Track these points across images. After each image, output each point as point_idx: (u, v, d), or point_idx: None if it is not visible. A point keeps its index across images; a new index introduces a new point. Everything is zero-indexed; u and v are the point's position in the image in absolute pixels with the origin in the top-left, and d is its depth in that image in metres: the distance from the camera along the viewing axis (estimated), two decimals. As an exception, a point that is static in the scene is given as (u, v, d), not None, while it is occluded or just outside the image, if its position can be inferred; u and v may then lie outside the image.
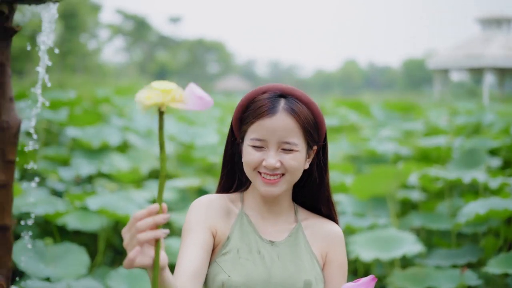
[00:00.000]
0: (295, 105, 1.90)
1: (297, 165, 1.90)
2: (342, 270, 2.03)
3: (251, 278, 1.88)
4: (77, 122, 6.95)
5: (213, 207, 1.98)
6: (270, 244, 1.96)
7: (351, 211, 4.52)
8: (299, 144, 1.90)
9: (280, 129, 1.87)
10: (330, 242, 2.03)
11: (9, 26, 2.62)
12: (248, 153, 1.92)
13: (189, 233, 1.92)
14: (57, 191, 5.40)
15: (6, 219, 2.65)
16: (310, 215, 2.08)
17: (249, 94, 1.96)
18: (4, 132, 2.63)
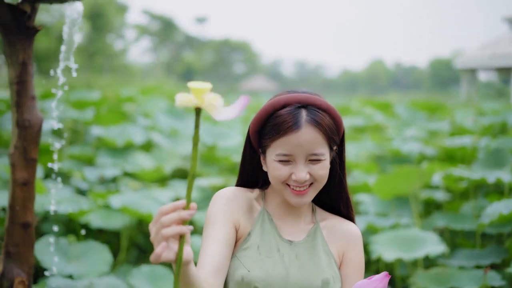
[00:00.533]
0: (317, 116, 1.89)
1: (325, 174, 1.92)
2: (359, 270, 2.03)
3: (270, 275, 1.89)
4: (103, 121, 7.00)
5: (238, 201, 2.00)
6: (289, 243, 1.98)
7: (373, 211, 4.50)
8: (325, 153, 1.91)
9: (306, 143, 1.87)
10: (347, 241, 2.03)
11: (31, 25, 2.64)
12: (275, 168, 1.91)
13: (212, 226, 1.93)
14: (82, 189, 5.44)
15: (28, 216, 2.67)
16: (328, 216, 2.09)
17: (267, 107, 1.93)
18: (26, 130, 2.66)
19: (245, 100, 1.44)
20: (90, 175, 5.51)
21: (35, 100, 2.70)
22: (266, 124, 1.93)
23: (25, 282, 2.65)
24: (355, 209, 4.96)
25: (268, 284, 1.88)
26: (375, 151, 6.71)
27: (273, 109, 1.92)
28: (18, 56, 2.64)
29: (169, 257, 1.45)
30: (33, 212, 2.70)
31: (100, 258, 3.96)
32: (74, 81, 19.28)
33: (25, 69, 2.65)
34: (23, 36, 2.63)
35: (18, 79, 2.64)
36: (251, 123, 1.97)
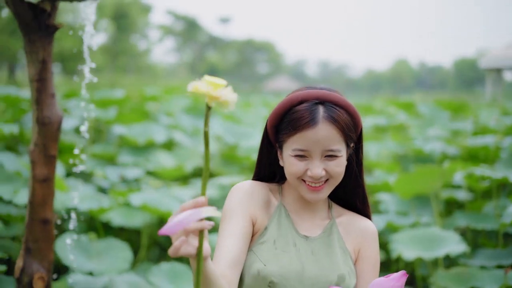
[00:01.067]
0: (334, 112, 1.88)
1: (341, 170, 1.91)
2: (375, 266, 2.02)
3: (286, 270, 1.89)
4: (125, 120, 7.04)
5: (256, 195, 2.00)
6: (305, 239, 1.98)
7: (394, 210, 4.47)
8: (342, 150, 1.90)
9: (323, 139, 1.87)
10: (363, 238, 2.03)
11: (51, 23, 2.67)
12: (291, 163, 1.91)
13: (229, 220, 1.93)
14: (103, 188, 5.48)
15: (48, 212, 2.70)
16: (344, 212, 2.08)
17: (285, 102, 1.93)
18: (45, 127, 2.68)
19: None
20: (111, 174, 5.55)
21: (55, 98, 2.72)
22: (283, 120, 1.93)
23: (44, 278, 2.68)
24: (372, 207, 4.96)
25: (284, 278, 1.88)
26: (397, 151, 6.67)
27: (291, 105, 1.92)
28: (38, 54, 2.67)
29: (188, 251, 1.47)
30: (52, 208, 2.72)
31: (120, 256, 3.99)
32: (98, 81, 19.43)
33: (45, 66, 2.68)
34: (43, 34, 2.66)
35: (38, 77, 2.67)
36: (269, 118, 1.97)
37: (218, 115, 9.09)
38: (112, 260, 3.96)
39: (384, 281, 1.75)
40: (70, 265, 3.77)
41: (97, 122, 7.47)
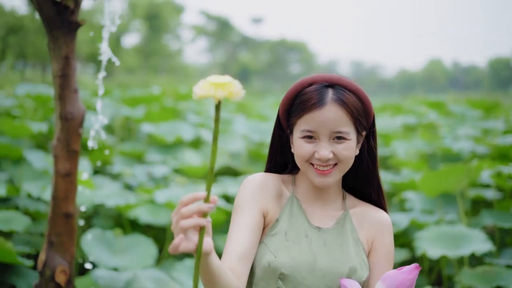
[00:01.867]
0: (343, 95, 1.88)
1: (349, 155, 1.90)
2: (389, 258, 2.00)
3: (297, 261, 1.88)
4: (154, 118, 7.10)
5: (268, 187, 1.98)
6: (317, 230, 1.96)
7: (419, 208, 4.43)
8: (350, 133, 1.89)
9: (330, 120, 1.86)
10: (377, 229, 2.01)
11: (74, 20, 2.70)
12: (299, 145, 1.90)
13: (240, 212, 1.93)
14: (130, 185, 5.53)
15: (70, 207, 2.74)
16: (358, 203, 2.06)
17: (296, 85, 1.94)
18: (68, 123, 2.72)
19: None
20: (139, 172, 5.60)
21: (78, 93, 2.75)
22: (294, 103, 1.94)
23: (67, 271, 2.72)
24: (398, 205, 4.93)
25: (294, 269, 1.87)
26: (425, 150, 6.62)
27: (301, 87, 1.92)
28: (61, 50, 2.70)
29: (188, 247, 1.46)
30: (75, 202, 2.76)
31: (145, 252, 4.02)
32: (131, 81, 19.60)
33: (67, 63, 2.71)
34: (66, 30, 2.70)
35: (61, 73, 2.71)
36: (280, 103, 1.98)
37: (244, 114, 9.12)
38: (136, 256, 3.99)
39: (396, 273, 1.74)
40: (95, 260, 3.81)
41: (127, 121, 7.55)
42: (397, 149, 6.62)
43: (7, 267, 3.86)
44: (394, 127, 8.43)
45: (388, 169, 6.82)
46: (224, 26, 61.48)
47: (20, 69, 21.47)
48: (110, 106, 7.66)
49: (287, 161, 2.08)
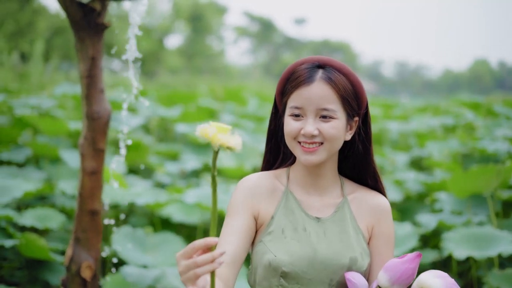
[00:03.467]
0: (332, 74, 1.92)
1: (335, 133, 1.91)
2: (389, 243, 2.02)
3: (296, 257, 1.90)
4: (190, 118, 7.17)
5: (259, 189, 2.00)
6: (316, 220, 1.97)
7: (449, 209, 4.40)
8: (338, 112, 1.91)
9: (317, 97, 1.90)
10: (377, 215, 2.02)
11: (101, 22, 2.77)
12: (287, 123, 1.94)
13: (232, 217, 1.96)
14: (163, 184, 5.60)
15: (96, 204, 2.81)
16: (356, 188, 2.07)
17: (289, 67, 1.99)
18: (94, 122, 2.79)
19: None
20: (172, 170, 5.68)
21: (104, 93, 2.82)
22: (287, 82, 1.99)
23: (92, 267, 2.79)
24: (429, 207, 4.89)
25: (295, 266, 1.89)
26: (460, 150, 6.54)
27: (294, 68, 1.98)
28: (88, 51, 2.77)
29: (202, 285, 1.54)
30: (100, 200, 2.83)
31: (174, 249, 4.08)
32: (174, 82, 19.80)
33: (94, 63, 2.78)
34: (92, 32, 2.77)
35: (87, 73, 2.78)
36: (277, 85, 2.03)
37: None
38: (166, 253, 4.05)
39: (398, 263, 1.76)
40: (125, 257, 3.88)
41: (163, 121, 7.64)
42: (432, 149, 6.57)
43: (40, 263, 3.97)
44: (431, 128, 8.35)
45: (422, 170, 6.77)
46: (267, 27, 61.55)
47: (65, 69, 21.86)
48: (148, 106, 7.77)
49: (284, 153, 2.10)
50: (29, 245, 3.71)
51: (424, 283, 1.78)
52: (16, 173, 4.95)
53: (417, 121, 9.13)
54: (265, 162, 2.14)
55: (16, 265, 4.00)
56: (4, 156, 5.31)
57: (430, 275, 1.79)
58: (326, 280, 1.90)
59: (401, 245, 3.97)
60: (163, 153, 6.40)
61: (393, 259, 1.81)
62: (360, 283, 1.84)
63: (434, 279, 1.77)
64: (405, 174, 5.81)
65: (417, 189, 5.24)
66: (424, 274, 1.80)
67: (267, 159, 2.13)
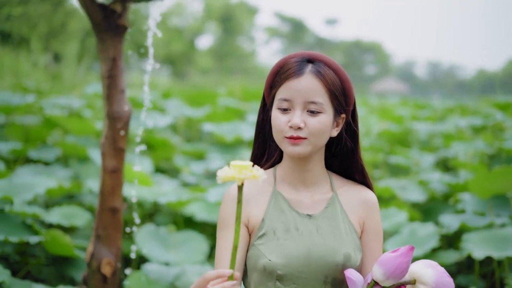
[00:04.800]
0: (322, 69, 1.95)
1: (322, 128, 1.93)
2: (379, 237, 2.04)
3: (290, 259, 1.91)
4: (216, 118, 7.23)
5: (245, 197, 1.98)
6: (308, 218, 1.98)
7: (471, 209, 4.38)
8: (325, 106, 1.93)
9: (305, 89, 1.91)
10: (366, 209, 2.04)
11: (121, 23, 2.82)
12: (275, 117, 1.95)
13: (223, 230, 1.98)
14: (189, 183, 5.66)
15: (116, 201, 2.87)
16: (345, 183, 2.09)
17: (279, 61, 2.01)
18: (115, 122, 2.85)
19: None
20: (198, 170, 5.74)
21: (124, 93, 2.88)
22: (276, 76, 2.00)
23: (112, 263, 2.85)
24: (451, 207, 4.86)
25: (290, 268, 1.90)
26: (486, 151, 6.49)
27: (284, 61, 2.00)
28: (109, 52, 2.83)
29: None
30: (121, 198, 2.89)
31: (196, 248, 4.13)
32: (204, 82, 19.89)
33: (115, 64, 2.84)
34: (113, 33, 2.83)
35: (108, 74, 2.84)
36: (266, 79, 2.04)
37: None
38: (188, 251, 4.10)
39: (392, 257, 1.79)
40: (148, 255, 3.95)
41: (191, 121, 7.72)
42: (458, 150, 6.53)
43: (66, 260, 4.05)
44: (459, 129, 8.29)
45: (448, 170, 6.74)
46: (298, 28, 61.49)
47: (97, 70, 22.10)
48: (176, 106, 7.85)
49: (271, 145, 2.10)
50: (54, 242, 3.79)
51: (415, 273, 1.82)
52: (44, 171, 5.05)
53: (445, 122, 9.07)
54: (253, 157, 2.14)
55: (43, 261, 4.09)
56: (34, 155, 5.42)
57: (422, 265, 1.83)
58: (321, 277, 1.92)
59: (421, 245, 3.96)
60: (189, 153, 6.47)
61: (386, 253, 1.83)
62: (358, 280, 1.87)
63: (426, 269, 1.81)
64: (429, 174, 5.79)
65: (442, 190, 5.22)
66: (415, 264, 1.83)
67: (255, 154, 2.13)
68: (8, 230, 3.72)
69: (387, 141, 7.77)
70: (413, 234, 4.15)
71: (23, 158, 5.58)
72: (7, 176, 4.36)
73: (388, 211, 4.51)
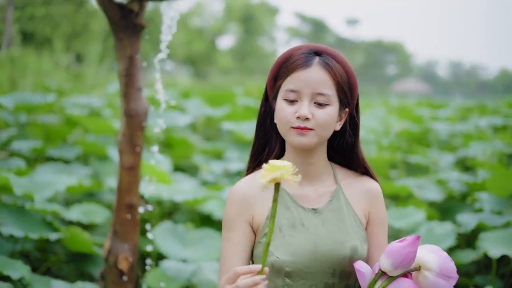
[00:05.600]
0: (329, 61, 1.95)
1: (329, 120, 1.93)
2: (384, 226, 2.05)
3: (298, 255, 1.92)
4: (236, 117, 7.26)
5: (248, 197, 2.00)
6: (313, 212, 1.98)
7: (488, 208, 4.37)
8: (332, 98, 1.93)
9: (314, 80, 1.92)
10: (371, 200, 2.05)
11: (139, 22, 2.86)
12: (281, 108, 1.95)
13: (228, 230, 1.99)
14: (207, 182, 5.69)
15: (133, 198, 2.91)
16: (348, 174, 2.09)
17: (285, 53, 2.01)
18: (132, 119, 2.89)
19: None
20: (216, 168, 5.78)
21: (141, 91, 2.92)
22: (281, 67, 1.99)
23: (129, 259, 2.88)
24: (469, 206, 4.85)
25: (297, 264, 1.91)
26: (505, 150, 6.46)
27: (290, 53, 1.99)
28: (126, 50, 2.88)
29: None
30: (137, 194, 2.93)
31: (214, 245, 4.16)
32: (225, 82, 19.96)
33: (132, 62, 2.88)
34: (130, 32, 2.87)
35: (126, 72, 2.88)
36: (269, 71, 2.03)
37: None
38: (205, 249, 4.13)
39: (400, 247, 1.80)
40: (166, 252, 3.98)
41: (210, 120, 7.76)
42: (477, 150, 6.51)
43: (85, 256, 4.11)
44: (479, 128, 8.25)
45: (467, 170, 6.71)
46: (319, 28, 61.43)
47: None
48: (196, 106, 7.90)
49: (272, 137, 2.08)
50: (74, 239, 3.84)
51: (419, 259, 1.84)
52: (64, 169, 5.11)
53: (465, 122, 9.03)
54: (254, 150, 2.13)
55: (63, 259, 4.14)
56: (55, 153, 5.49)
57: (425, 251, 1.85)
58: (329, 271, 1.93)
59: (438, 244, 3.94)
60: (208, 152, 6.51)
61: (392, 243, 1.84)
62: (367, 272, 1.89)
63: (430, 254, 1.84)
64: (448, 174, 5.77)
65: (460, 189, 5.20)
66: (419, 250, 1.84)
67: (256, 147, 2.12)
68: (29, 227, 3.78)
69: (406, 140, 7.76)
70: (430, 232, 4.14)
71: (43, 157, 5.65)
72: (28, 174, 4.42)
73: (406, 210, 4.51)
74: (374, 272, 1.89)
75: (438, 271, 1.81)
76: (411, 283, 1.84)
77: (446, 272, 1.81)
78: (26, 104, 5.82)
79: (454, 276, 1.82)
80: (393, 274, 1.83)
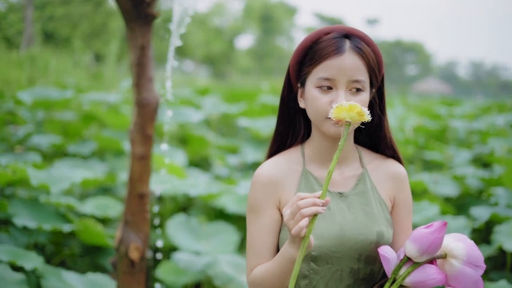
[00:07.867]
0: (361, 44, 1.88)
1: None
2: (409, 211, 2.00)
3: (324, 238, 1.87)
4: (253, 114, 7.27)
5: (275, 180, 1.94)
6: (339, 196, 1.94)
7: (504, 203, 4.33)
8: (366, 83, 1.87)
9: (349, 68, 1.84)
10: (397, 183, 2.00)
11: (150, 12, 2.86)
12: (314, 96, 1.87)
13: (257, 214, 1.94)
14: (221, 176, 5.71)
15: (144, 187, 2.91)
16: (374, 157, 2.04)
17: (310, 36, 1.92)
18: (143, 109, 2.89)
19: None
20: (231, 163, 5.80)
21: (153, 82, 2.92)
22: (308, 52, 1.91)
23: (140, 248, 2.89)
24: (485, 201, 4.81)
25: (323, 248, 1.87)
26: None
27: (317, 37, 1.91)
28: (138, 40, 2.87)
29: (303, 232, 1.66)
30: (148, 184, 2.93)
31: (227, 238, 4.17)
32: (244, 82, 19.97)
33: (143, 52, 2.88)
34: (142, 22, 2.86)
35: (137, 62, 2.88)
36: (292, 55, 1.95)
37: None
38: (219, 242, 4.14)
39: (427, 233, 1.75)
40: (179, 245, 4.00)
41: (227, 117, 7.78)
42: (494, 146, 6.46)
43: (98, 249, 4.13)
44: (497, 126, 8.20)
45: (484, 166, 6.66)
46: (338, 28, 61.29)
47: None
48: (212, 103, 7.92)
49: (296, 121, 2.03)
50: (87, 231, 3.87)
51: (446, 247, 1.77)
52: (81, 164, 5.15)
53: (483, 120, 8.98)
54: (276, 133, 2.06)
55: (76, 251, 4.16)
56: (72, 149, 5.53)
57: (451, 239, 1.79)
58: (355, 255, 1.89)
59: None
60: (224, 147, 6.52)
61: (418, 228, 1.79)
62: (392, 257, 1.82)
63: (456, 242, 1.78)
64: (463, 169, 5.73)
65: (476, 185, 5.17)
66: (445, 238, 1.79)
67: (279, 131, 2.05)
68: (42, 218, 3.81)
69: (422, 137, 7.72)
70: (444, 227, 4.11)
71: (61, 152, 5.70)
72: (44, 168, 4.46)
73: (420, 205, 4.48)
74: (399, 258, 1.84)
75: (466, 259, 1.76)
76: (437, 269, 1.79)
77: (474, 261, 1.76)
78: (44, 99, 5.86)
79: (481, 266, 1.77)
80: (419, 260, 1.78)
